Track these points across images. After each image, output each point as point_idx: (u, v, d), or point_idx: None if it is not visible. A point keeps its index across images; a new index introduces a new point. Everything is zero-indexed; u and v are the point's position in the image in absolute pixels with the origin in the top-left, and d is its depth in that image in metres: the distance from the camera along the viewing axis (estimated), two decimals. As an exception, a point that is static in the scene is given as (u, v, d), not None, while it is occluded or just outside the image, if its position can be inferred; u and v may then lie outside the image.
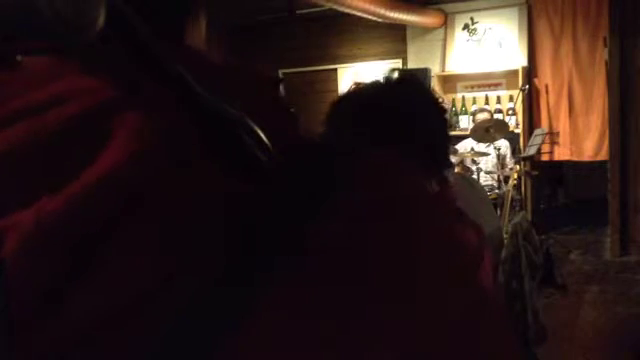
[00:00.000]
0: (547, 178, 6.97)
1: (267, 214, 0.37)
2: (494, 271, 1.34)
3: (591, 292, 4.58)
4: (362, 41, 7.06)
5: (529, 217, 5.64)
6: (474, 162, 5.28)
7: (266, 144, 0.37)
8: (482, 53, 6.45)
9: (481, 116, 5.51)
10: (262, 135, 0.37)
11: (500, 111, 6.31)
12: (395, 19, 5.81)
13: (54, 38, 0.32)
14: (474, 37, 6.50)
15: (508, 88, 6.39)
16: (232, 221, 0.37)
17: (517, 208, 5.12)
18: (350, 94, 1.20)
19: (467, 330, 0.40)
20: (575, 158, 6.31)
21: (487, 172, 5.32)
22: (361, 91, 1.20)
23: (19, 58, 0.38)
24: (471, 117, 6.15)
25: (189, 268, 0.35)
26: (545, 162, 6.39)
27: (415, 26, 6.55)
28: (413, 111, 1.15)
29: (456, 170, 4.60)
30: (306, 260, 0.37)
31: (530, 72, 6.28)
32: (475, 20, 6.48)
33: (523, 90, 5.81)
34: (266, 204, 0.38)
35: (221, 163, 0.36)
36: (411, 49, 6.85)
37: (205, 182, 0.37)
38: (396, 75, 1.18)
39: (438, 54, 6.71)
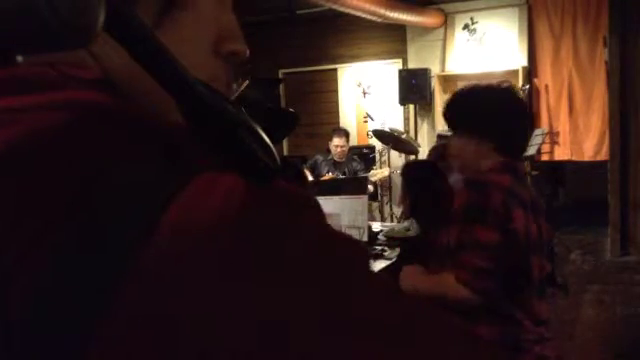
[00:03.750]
0: (547, 178, 6.97)
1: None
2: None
3: (591, 292, 4.58)
4: (362, 41, 7.06)
5: (529, 217, 5.64)
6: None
7: (269, 145, 0.37)
8: (482, 53, 6.45)
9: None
10: (265, 137, 0.37)
11: (500, 111, 6.30)
12: (395, 19, 5.81)
13: (53, 39, 0.31)
14: (474, 37, 6.50)
15: (508, 88, 6.38)
16: None
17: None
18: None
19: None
20: (575, 158, 6.31)
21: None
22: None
23: (19, 58, 0.38)
24: (471, 117, 6.14)
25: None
26: (545, 162, 6.39)
27: (415, 26, 6.55)
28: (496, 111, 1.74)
29: None
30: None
31: (530, 72, 6.28)
32: (475, 20, 6.48)
33: (523, 90, 5.80)
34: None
35: (224, 164, 0.36)
36: (411, 49, 6.85)
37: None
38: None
39: (438, 54, 6.71)
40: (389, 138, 5.46)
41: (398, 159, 6.32)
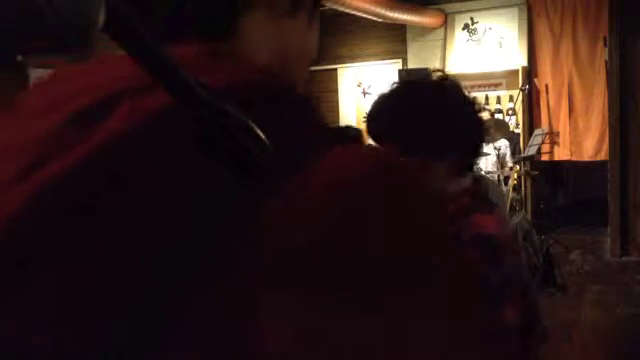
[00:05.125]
0: (547, 178, 6.97)
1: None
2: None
3: (591, 292, 4.58)
4: (362, 41, 7.07)
5: (529, 217, 5.65)
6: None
7: (264, 142, 0.37)
8: (482, 53, 6.46)
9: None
10: (260, 133, 0.38)
11: (500, 111, 6.31)
12: (395, 19, 5.82)
13: (54, 38, 0.32)
14: (474, 37, 6.51)
15: (508, 88, 6.39)
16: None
17: (517, 208, 5.11)
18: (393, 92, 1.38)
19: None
20: (575, 158, 6.32)
21: (487, 172, 5.32)
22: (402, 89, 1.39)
23: (19, 58, 0.38)
24: (471, 117, 6.15)
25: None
26: (545, 162, 6.40)
27: (415, 26, 6.55)
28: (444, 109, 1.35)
29: None
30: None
31: (530, 72, 6.28)
32: (475, 20, 6.48)
33: (523, 90, 5.81)
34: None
35: (217, 159, 0.36)
36: (411, 49, 6.85)
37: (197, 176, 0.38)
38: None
39: (438, 54, 6.71)
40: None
41: (398, 159, 6.32)
